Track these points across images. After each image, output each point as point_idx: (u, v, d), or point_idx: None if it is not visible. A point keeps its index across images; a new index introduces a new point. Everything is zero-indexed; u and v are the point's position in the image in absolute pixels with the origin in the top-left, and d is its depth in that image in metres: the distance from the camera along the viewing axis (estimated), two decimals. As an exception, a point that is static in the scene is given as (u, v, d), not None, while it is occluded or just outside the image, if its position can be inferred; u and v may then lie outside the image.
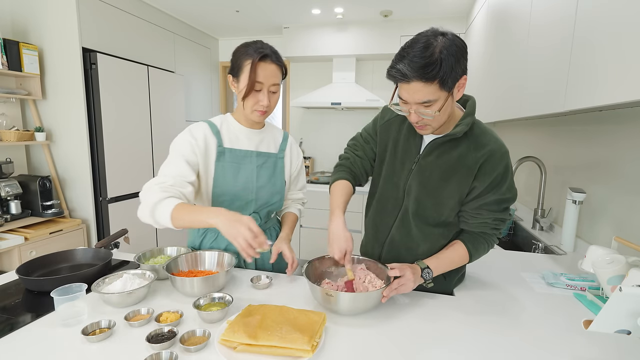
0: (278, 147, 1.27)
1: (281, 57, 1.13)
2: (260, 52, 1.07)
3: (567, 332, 0.89)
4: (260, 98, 1.10)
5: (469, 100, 1.01)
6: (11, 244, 2.22)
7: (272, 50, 1.11)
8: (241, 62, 1.09)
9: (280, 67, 1.12)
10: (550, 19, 1.39)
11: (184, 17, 3.53)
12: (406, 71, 0.83)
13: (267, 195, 1.22)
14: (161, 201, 0.99)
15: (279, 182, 1.25)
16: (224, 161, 1.16)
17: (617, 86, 0.91)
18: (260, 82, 1.08)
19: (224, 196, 1.16)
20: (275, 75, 1.10)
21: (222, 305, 0.93)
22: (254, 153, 1.20)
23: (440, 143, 1.00)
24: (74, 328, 0.84)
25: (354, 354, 0.79)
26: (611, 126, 1.42)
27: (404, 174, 1.06)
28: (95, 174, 2.70)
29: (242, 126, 1.21)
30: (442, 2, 2.99)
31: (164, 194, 1.00)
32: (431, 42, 0.83)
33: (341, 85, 3.65)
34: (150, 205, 1.00)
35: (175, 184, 1.05)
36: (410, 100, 0.89)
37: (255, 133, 1.22)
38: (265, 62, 1.07)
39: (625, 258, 0.94)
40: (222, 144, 1.16)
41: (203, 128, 1.15)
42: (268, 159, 1.23)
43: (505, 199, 0.99)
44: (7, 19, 2.56)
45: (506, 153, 0.98)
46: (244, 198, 1.18)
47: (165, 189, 1.02)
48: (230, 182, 1.16)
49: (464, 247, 1.04)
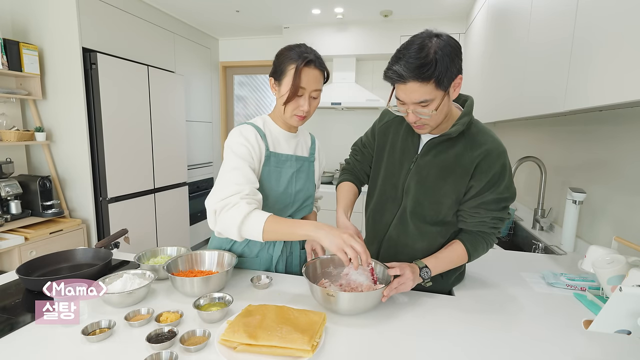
0: (309, 151, 1.27)
1: (324, 62, 1.12)
2: (304, 57, 1.05)
3: (567, 332, 0.89)
4: (301, 103, 1.08)
5: (468, 100, 1.02)
6: (11, 244, 2.22)
7: (316, 55, 1.10)
8: (285, 67, 1.07)
9: (323, 72, 1.10)
10: (550, 18, 1.39)
11: (184, 17, 3.53)
12: (402, 72, 0.85)
13: (303, 198, 1.22)
14: (249, 214, 0.95)
15: (312, 186, 1.25)
16: (270, 165, 1.13)
17: (617, 86, 0.91)
18: (303, 88, 1.06)
19: (267, 200, 1.12)
20: (318, 81, 1.09)
21: (222, 305, 0.93)
22: (293, 157, 1.19)
23: (438, 142, 1.02)
24: (74, 328, 0.84)
25: (354, 354, 0.79)
26: (611, 126, 1.42)
27: (402, 173, 1.08)
28: (95, 174, 2.70)
29: (281, 129, 1.19)
30: (442, 2, 2.99)
31: (249, 207, 0.96)
32: (426, 44, 0.85)
33: (341, 85, 3.65)
34: (238, 221, 0.94)
35: (250, 192, 1.00)
36: (407, 100, 0.91)
37: (292, 137, 1.21)
38: (309, 68, 1.06)
39: (626, 258, 0.94)
40: (268, 148, 1.14)
41: (253, 131, 1.11)
42: (304, 163, 1.23)
43: (503, 198, 1.00)
44: (7, 19, 2.56)
45: (503, 152, 0.99)
46: (283, 202, 1.17)
47: (249, 202, 0.97)
48: (274, 186, 1.14)
49: (463, 247, 1.04)
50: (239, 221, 0.93)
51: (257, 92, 4.41)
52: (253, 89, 4.41)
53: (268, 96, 4.37)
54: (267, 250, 1.21)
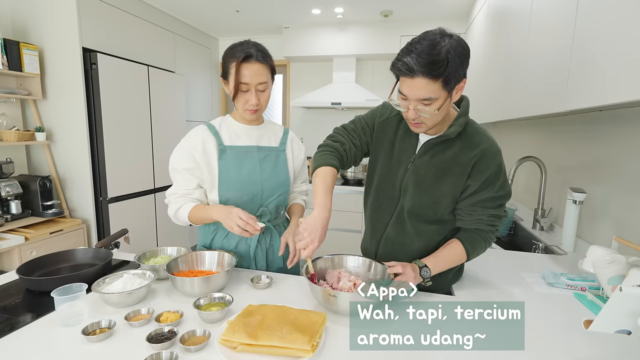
0: (279, 141, 1.29)
1: (268, 55, 1.14)
2: (245, 52, 1.09)
3: (567, 332, 0.89)
4: (249, 98, 1.13)
5: (463, 101, 1.02)
6: (11, 244, 2.22)
7: (258, 48, 1.12)
8: (227, 65, 1.12)
9: (266, 65, 1.12)
10: (550, 19, 1.39)
11: (184, 17, 3.53)
12: (413, 65, 0.84)
13: (273, 187, 1.24)
14: (178, 210, 1.18)
15: (283, 174, 1.27)
16: (226, 158, 1.19)
17: (618, 86, 0.91)
18: (246, 83, 1.10)
19: (231, 191, 1.19)
20: (261, 74, 1.11)
21: (222, 305, 0.93)
22: (255, 148, 1.23)
23: (435, 143, 1.02)
24: (74, 328, 0.84)
25: (353, 353, 0.79)
26: (611, 126, 1.42)
27: (400, 172, 1.08)
28: (96, 174, 2.70)
29: (241, 124, 1.24)
30: (442, 2, 2.98)
31: (177, 205, 1.19)
32: (439, 41, 0.84)
33: (341, 85, 3.65)
34: (172, 214, 1.21)
35: (183, 195, 1.20)
36: (410, 96, 0.89)
37: (254, 129, 1.25)
38: (249, 63, 1.09)
39: (626, 258, 0.94)
40: (222, 143, 1.19)
41: (200, 131, 1.20)
42: (270, 153, 1.25)
43: (499, 196, 1.01)
44: (7, 19, 2.56)
45: (498, 152, 1.00)
46: (249, 191, 1.20)
47: (177, 200, 1.20)
48: (234, 177, 1.19)
49: (461, 246, 1.04)
50: (173, 214, 1.20)
51: (257, 92, 4.41)
52: (253, 89, 4.41)
53: (268, 96, 4.37)
54: (245, 242, 1.24)
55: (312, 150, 4.61)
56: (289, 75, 4.10)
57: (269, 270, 1.26)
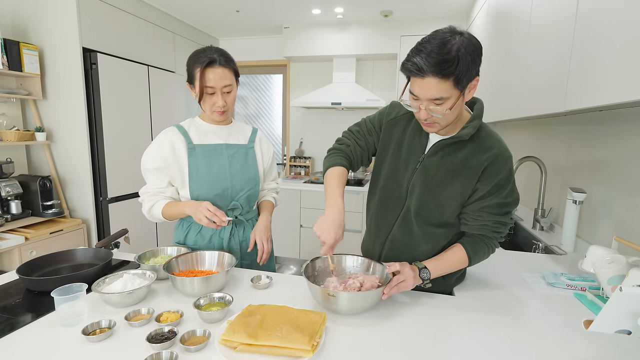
0: (248, 139, 1.36)
1: (231, 60, 1.22)
2: (208, 57, 1.15)
3: (567, 332, 0.89)
4: (216, 100, 1.20)
5: (477, 103, 1.01)
6: (11, 244, 2.22)
7: (222, 53, 1.19)
8: (192, 71, 1.19)
9: (230, 69, 1.19)
10: (550, 19, 1.39)
11: (184, 17, 3.53)
12: (422, 65, 0.83)
13: (242, 181, 1.30)
14: (152, 207, 1.26)
15: (252, 170, 1.33)
16: (196, 156, 1.25)
17: (618, 86, 0.91)
18: (212, 87, 1.18)
19: (201, 187, 1.24)
20: (226, 78, 1.19)
21: (222, 305, 0.93)
22: (224, 145, 1.29)
23: (446, 144, 1.00)
24: (74, 328, 0.85)
25: (354, 354, 0.79)
26: (611, 126, 1.42)
27: (407, 172, 1.06)
28: (96, 174, 2.70)
29: (209, 124, 1.30)
30: (442, 2, 2.98)
31: (151, 203, 1.26)
32: (449, 40, 0.83)
33: (341, 85, 3.65)
34: (146, 211, 1.27)
35: (156, 193, 1.26)
36: (422, 96, 0.88)
37: (223, 129, 1.32)
38: (213, 67, 1.16)
39: (626, 258, 0.94)
40: (191, 142, 1.25)
41: (169, 132, 1.27)
42: (238, 150, 1.32)
43: (507, 203, 1.00)
44: (7, 19, 2.56)
45: (510, 157, 0.99)
46: (220, 186, 1.26)
47: (150, 198, 1.27)
48: (204, 173, 1.24)
49: (463, 251, 1.03)
50: (147, 212, 1.27)
51: (257, 92, 4.41)
52: (253, 88, 4.41)
53: (268, 96, 4.37)
54: (218, 235, 1.29)
55: (311, 150, 4.61)
56: (289, 75, 4.10)
57: (244, 262, 1.32)
